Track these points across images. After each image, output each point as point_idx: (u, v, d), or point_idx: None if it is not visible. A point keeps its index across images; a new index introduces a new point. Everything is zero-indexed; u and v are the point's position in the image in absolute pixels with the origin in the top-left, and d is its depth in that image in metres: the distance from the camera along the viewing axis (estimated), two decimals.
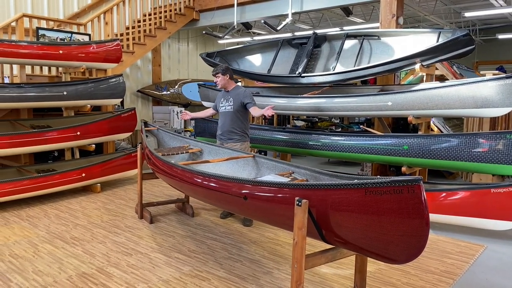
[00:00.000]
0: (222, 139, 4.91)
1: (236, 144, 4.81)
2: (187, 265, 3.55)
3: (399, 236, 2.08)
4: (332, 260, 2.55)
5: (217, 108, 5.01)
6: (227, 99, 4.88)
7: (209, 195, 3.20)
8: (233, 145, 4.77)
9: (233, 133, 4.84)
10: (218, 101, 5.00)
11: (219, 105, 4.96)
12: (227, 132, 4.85)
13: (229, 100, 4.86)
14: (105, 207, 5.39)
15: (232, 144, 4.81)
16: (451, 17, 9.76)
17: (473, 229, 4.53)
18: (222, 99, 4.95)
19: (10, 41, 5.57)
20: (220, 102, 4.95)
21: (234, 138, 4.84)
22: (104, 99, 6.49)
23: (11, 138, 5.26)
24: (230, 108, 4.83)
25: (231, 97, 4.86)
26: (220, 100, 4.95)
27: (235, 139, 4.84)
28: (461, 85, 4.45)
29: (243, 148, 4.81)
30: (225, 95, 4.93)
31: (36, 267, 3.47)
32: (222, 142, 4.90)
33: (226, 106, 4.86)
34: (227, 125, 4.84)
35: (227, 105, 4.86)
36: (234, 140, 4.84)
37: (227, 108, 4.85)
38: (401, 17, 6.19)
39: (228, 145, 4.79)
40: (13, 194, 5.12)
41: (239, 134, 4.85)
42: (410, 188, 2.01)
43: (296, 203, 2.34)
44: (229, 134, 4.84)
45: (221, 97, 4.97)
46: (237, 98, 4.81)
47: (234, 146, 4.77)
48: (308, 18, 10.70)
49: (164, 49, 10.99)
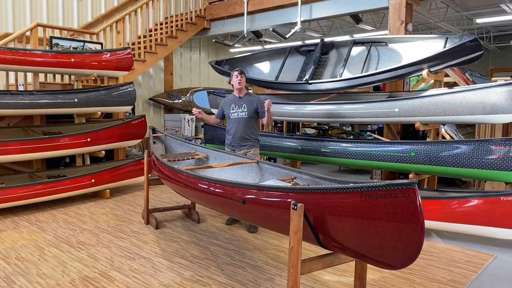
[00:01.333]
0: (234, 146, 4.81)
1: (249, 150, 4.76)
2: (189, 270, 3.55)
3: (395, 240, 2.04)
4: (330, 265, 2.52)
5: (226, 115, 4.88)
6: (240, 105, 4.77)
7: (210, 200, 3.21)
8: (246, 152, 4.73)
9: (246, 139, 4.77)
10: (227, 107, 4.85)
11: (229, 112, 4.83)
12: (239, 139, 4.76)
13: (242, 106, 4.75)
14: (113, 212, 5.44)
15: (245, 150, 4.74)
16: (463, 24, 9.65)
17: (483, 238, 4.42)
18: (232, 105, 4.81)
19: (24, 50, 5.73)
20: (230, 108, 4.82)
21: (247, 145, 4.77)
22: (114, 106, 6.59)
23: (23, 144, 5.38)
24: (243, 114, 4.74)
25: (244, 103, 4.76)
26: (231, 106, 4.82)
27: (248, 145, 4.78)
28: (469, 91, 4.39)
29: (255, 154, 4.79)
30: (236, 101, 4.81)
31: (41, 270, 3.51)
32: (234, 149, 4.80)
33: (239, 113, 4.76)
34: (240, 131, 4.75)
35: (240, 111, 4.75)
36: (247, 147, 4.77)
37: (240, 114, 4.75)
38: (410, 23, 6.15)
39: (241, 152, 4.72)
40: (23, 199, 5.22)
41: (252, 140, 4.80)
42: (405, 192, 1.98)
43: (292, 207, 2.32)
44: (242, 141, 4.77)
45: (231, 103, 4.83)
46: (251, 105, 4.73)
47: (248, 152, 4.73)
48: (318, 26, 10.72)
49: (176, 57, 11.14)
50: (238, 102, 4.79)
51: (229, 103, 4.86)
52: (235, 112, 4.78)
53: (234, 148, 4.81)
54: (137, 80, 10.05)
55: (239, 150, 4.76)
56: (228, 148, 4.89)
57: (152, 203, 5.87)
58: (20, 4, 7.71)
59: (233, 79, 4.80)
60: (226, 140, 4.93)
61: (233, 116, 4.80)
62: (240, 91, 4.81)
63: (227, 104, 4.89)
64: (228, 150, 4.85)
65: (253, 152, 4.78)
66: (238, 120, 4.78)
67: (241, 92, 4.83)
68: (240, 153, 4.70)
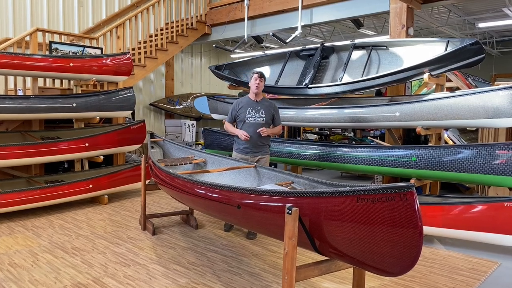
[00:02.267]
0: (247, 153, 4.55)
1: (263, 157, 4.60)
2: (184, 277, 3.47)
3: (392, 246, 1.96)
4: (327, 272, 2.44)
5: (240, 119, 4.58)
6: (257, 109, 4.53)
7: (205, 205, 3.14)
8: (260, 158, 4.56)
9: (262, 146, 4.58)
10: (243, 111, 4.55)
11: (244, 116, 4.53)
12: (254, 145, 4.53)
13: (259, 111, 4.52)
14: (110, 218, 5.38)
15: (259, 157, 4.56)
16: (465, 29, 9.59)
17: (486, 245, 4.32)
18: (249, 109, 4.54)
19: (22, 54, 5.70)
20: (246, 112, 4.53)
21: (262, 151, 4.59)
22: (113, 111, 6.54)
23: (20, 148, 5.33)
24: (261, 120, 4.51)
25: (261, 108, 4.54)
26: (247, 110, 4.54)
27: (263, 152, 4.59)
28: (471, 94, 4.31)
29: (267, 161, 4.67)
30: (253, 105, 4.56)
31: (33, 276, 3.44)
32: (247, 156, 4.55)
33: (256, 117, 4.51)
34: (256, 137, 4.50)
35: (257, 116, 4.51)
36: (261, 153, 4.58)
37: (257, 119, 4.51)
38: (411, 27, 6.10)
39: (255, 159, 4.53)
40: (19, 205, 5.16)
41: (265, 147, 4.63)
42: (402, 195, 1.90)
43: (287, 211, 2.25)
44: (256, 147, 4.54)
45: (247, 107, 4.55)
46: (268, 110, 4.56)
47: (262, 159, 4.57)
48: (319, 32, 10.70)
49: (177, 63, 11.13)
50: (255, 106, 4.55)
51: (245, 106, 4.57)
52: (252, 117, 4.51)
53: (247, 154, 4.55)
54: (138, 86, 10.04)
55: (253, 157, 4.54)
56: (239, 154, 4.60)
57: (151, 209, 5.80)
58: (20, 9, 7.72)
59: (252, 81, 4.55)
60: (237, 146, 4.63)
61: (249, 120, 4.52)
62: (257, 95, 4.60)
63: (243, 107, 4.57)
64: (238, 156, 4.59)
65: (266, 160, 4.62)
66: (254, 125, 4.51)
67: (258, 96, 4.61)
68: (253, 159, 4.51)
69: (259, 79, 4.51)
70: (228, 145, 6.79)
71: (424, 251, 4.23)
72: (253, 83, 4.54)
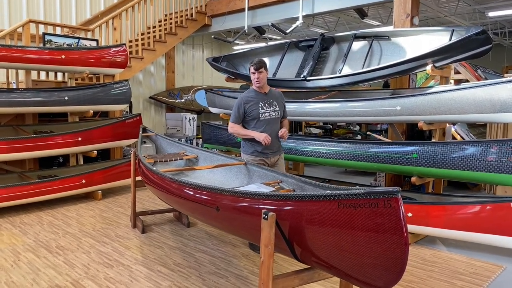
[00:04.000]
0: (267, 154, 3.93)
1: (281, 156, 4.08)
2: (168, 280, 3.30)
3: (375, 257, 1.76)
4: (309, 281, 2.24)
5: (253, 116, 3.88)
6: (270, 103, 3.89)
7: (185, 205, 2.95)
8: (278, 158, 4.02)
9: (278, 145, 4.02)
10: (254, 107, 3.86)
11: (258, 112, 3.85)
12: (274, 145, 3.92)
13: (272, 104, 3.90)
14: (101, 215, 5.23)
15: (278, 156, 4.01)
16: (475, 18, 9.21)
17: (492, 247, 4.08)
18: (261, 103, 3.86)
19: (11, 46, 5.55)
20: (259, 108, 3.85)
21: (280, 150, 4.04)
22: (107, 104, 6.38)
23: (9, 143, 5.20)
24: (276, 114, 3.91)
25: (273, 100, 3.92)
26: (259, 105, 3.86)
27: (280, 151, 4.05)
28: (476, 87, 4.04)
29: (283, 158, 4.15)
30: (263, 98, 3.90)
31: (10, 278, 3.30)
32: (266, 158, 3.93)
33: (271, 112, 3.88)
34: (274, 135, 3.89)
35: (271, 110, 3.88)
36: (279, 152, 4.02)
37: (272, 114, 3.88)
38: (416, 17, 5.80)
39: (275, 159, 3.98)
40: (8, 201, 5.04)
41: (280, 145, 4.09)
42: (386, 201, 1.69)
43: (263, 217, 2.05)
44: (277, 147, 3.99)
45: (258, 101, 3.87)
46: (280, 102, 3.97)
47: (281, 158, 4.06)
48: (323, 22, 10.39)
49: (178, 55, 10.92)
50: (265, 99, 3.89)
51: (256, 101, 3.87)
52: (266, 112, 3.86)
53: (267, 156, 3.93)
54: (138, 78, 9.88)
55: (273, 158, 3.96)
56: (257, 158, 3.91)
57: (145, 205, 5.66)
58: (16, 1, 7.57)
59: (251, 76, 3.88)
60: (253, 147, 3.92)
61: (264, 116, 3.85)
62: (263, 87, 3.92)
63: (253, 102, 3.87)
64: (256, 160, 3.90)
65: (283, 158, 4.12)
66: (271, 121, 3.89)
67: (265, 88, 3.94)
68: (274, 161, 3.97)
69: (257, 72, 3.80)
70: (226, 139, 6.60)
71: (425, 253, 4.01)
72: (252, 78, 3.87)
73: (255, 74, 3.82)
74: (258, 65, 3.80)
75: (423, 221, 4.07)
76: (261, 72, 3.81)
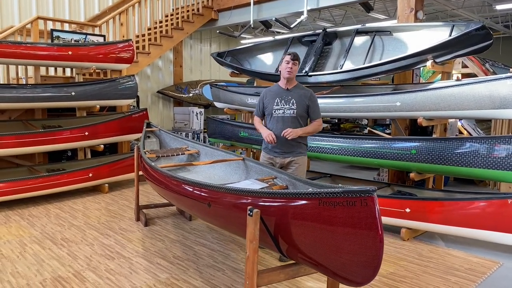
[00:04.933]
0: (276, 154, 3.76)
1: (297, 158, 3.74)
2: (166, 272, 3.40)
3: (353, 254, 1.81)
4: (295, 276, 2.31)
5: (268, 112, 3.80)
6: (287, 100, 3.69)
7: (180, 200, 3.04)
8: (293, 160, 3.73)
9: (294, 145, 3.71)
10: (271, 102, 3.75)
11: (272, 107, 3.74)
12: (283, 144, 3.69)
13: (289, 102, 3.68)
14: (107, 208, 5.37)
15: (292, 158, 3.73)
16: (484, 11, 9.05)
17: (491, 244, 4.09)
18: (277, 99, 3.72)
19: (19, 43, 5.69)
20: (274, 103, 3.73)
21: (293, 152, 3.72)
22: (114, 99, 6.50)
23: (18, 138, 5.35)
24: (291, 112, 3.66)
25: (293, 98, 3.68)
26: (275, 101, 3.73)
27: (295, 153, 3.72)
28: (476, 83, 4.03)
29: (305, 162, 3.83)
30: (282, 93, 3.73)
31: (16, 268, 3.44)
32: (276, 157, 3.76)
33: (286, 110, 3.68)
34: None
35: (287, 108, 3.68)
36: (293, 154, 3.72)
37: (286, 112, 3.68)
38: (420, 11, 5.75)
39: (287, 160, 3.73)
40: (17, 193, 5.20)
41: (301, 146, 3.76)
42: (363, 200, 1.74)
43: (248, 213, 2.11)
44: (287, 147, 3.71)
45: (276, 97, 3.74)
46: (301, 100, 3.68)
47: (295, 160, 3.73)
48: (330, 16, 10.33)
49: (186, 49, 11.00)
50: (285, 96, 3.72)
51: (274, 96, 3.76)
52: (280, 109, 3.70)
53: (275, 155, 3.77)
54: (146, 73, 9.99)
55: (283, 159, 3.74)
56: (267, 155, 3.83)
57: (150, 198, 5.78)
58: None
59: (282, 65, 3.70)
60: (265, 144, 3.84)
61: (276, 113, 3.71)
62: (289, 81, 3.74)
63: (271, 97, 3.77)
64: (266, 157, 3.83)
65: (302, 161, 3.78)
66: (285, 120, 3.69)
67: (289, 83, 3.75)
68: (283, 162, 3.74)
69: (291, 62, 3.62)
70: (230, 134, 6.67)
71: (422, 249, 4.04)
72: (284, 66, 3.68)
73: (289, 64, 3.65)
74: (294, 56, 3.67)
75: (420, 216, 4.09)
76: (295, 64, 3.67)
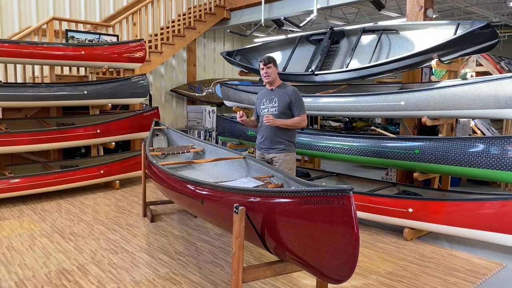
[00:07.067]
0: (263, 149, 4.04)
1: (279, 155, 3.93)
2: (166, 267, 3.49)
3: (331, 251, 1.84)
4: (282, 273, 2.35)
5: (258, 113, 4.13)
6: (271, 99, 3.97)
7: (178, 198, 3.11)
8: (274, 157, 3.96)
9: (277, 142, 3.92)
10: (259, 103, 4.10)
11: (259, 108, 4.08)
12: (269, 141, 3.95)
13: (272, 101, 3.95)
14: (116, 203, 5.51)
15: (274, 155, 3.95)
16: (501, 8, 8.83)
17: (497, 246, 4.03)
18: (264, 99, 4.05)
19: (34, 43, 5.87)
20: (261, 104, 4.06)
21: (276, 148, 3.93)
22: (125, 98, 6.64)
23: (32, 135, 5.55)
24: (274, 110, 3.92)
25: (275, 96, 3.94)
26: (262, 101, 4.06)
27: (278, 149, 3.93)
28: (481, 82, 3.97)
29: (288, 159, 3.95)
30: (267, 94, 4.03)
31: (24, 261, 3.59)
32: (263, 152, 4.05)
33: (269, 108, 3.96)
34: (270, 132, 3.93)
35: (270, 106, 3.96)
36: (276, 150, 3.93)
37: (270, 110, 3.95)
38: (430, 9, 5.68)
39: (270, 156, 3.97)
40: (31, 189, 5.39)
41: (284, 143, 3.94)
42: (340, 199, 1.77)
43: (234, 210, 2.17)
44: (271, 143, 3.94)
45: (263, 97, 4.08)
46: (283, 98, 3.90)
47: (277, 158, 3.94)
48: (342, 14, 10.26)
49: (199, 48, 11.11)
50: (268, 96, 4.01)
51: (261, 97, 4.10)
52: (265, 108, 4.00)
53: (263, 151, 4.05)
54: (159, 72, 10.14)
55: (268, 154, 3.99)
56: (257, 151, 4.13)
57: (159, 195, 5.89)
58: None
59: (260, 72, 4.00)
60: (256, 141, 4.20)
61: (263, 112, 4.01)
62: (271, 83, 4.00)
63: (259, 99, 4.13)
64: (258, 153, 4.12)
65: (285, 158, 3.93)
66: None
67: (273, 84, 4.00)
68: (268, 157, 4.00)
69: (265, 67, 3.90)
70: (239, 132, 6.73)
71: (424, 249, 4.01)
72: (261, 73, 3.99)
73: (264, 69, 3.93)
74: (267, 60, 3.92)
75: (423, 217, 4.06)
76: (269, 67, 3.91)
